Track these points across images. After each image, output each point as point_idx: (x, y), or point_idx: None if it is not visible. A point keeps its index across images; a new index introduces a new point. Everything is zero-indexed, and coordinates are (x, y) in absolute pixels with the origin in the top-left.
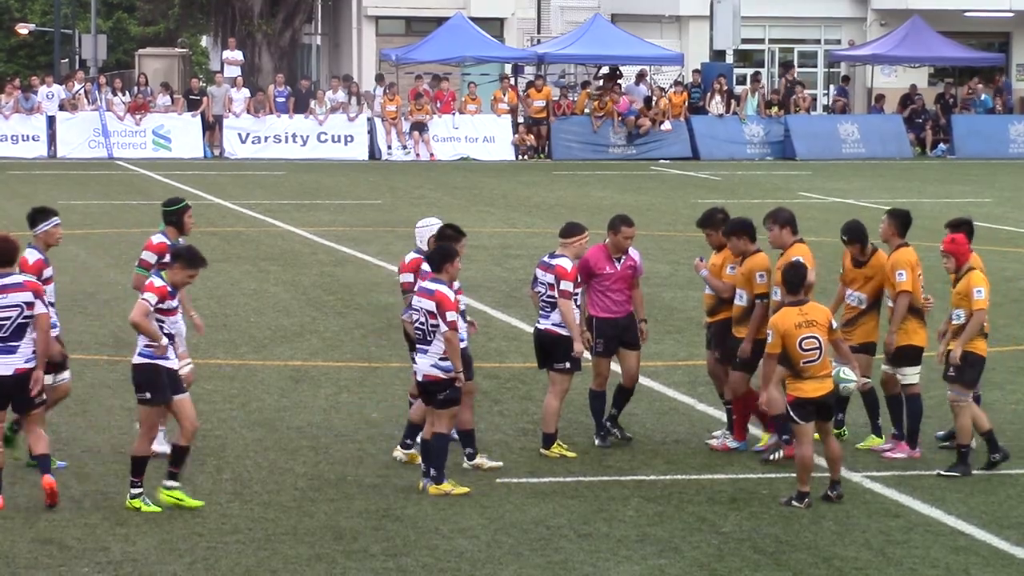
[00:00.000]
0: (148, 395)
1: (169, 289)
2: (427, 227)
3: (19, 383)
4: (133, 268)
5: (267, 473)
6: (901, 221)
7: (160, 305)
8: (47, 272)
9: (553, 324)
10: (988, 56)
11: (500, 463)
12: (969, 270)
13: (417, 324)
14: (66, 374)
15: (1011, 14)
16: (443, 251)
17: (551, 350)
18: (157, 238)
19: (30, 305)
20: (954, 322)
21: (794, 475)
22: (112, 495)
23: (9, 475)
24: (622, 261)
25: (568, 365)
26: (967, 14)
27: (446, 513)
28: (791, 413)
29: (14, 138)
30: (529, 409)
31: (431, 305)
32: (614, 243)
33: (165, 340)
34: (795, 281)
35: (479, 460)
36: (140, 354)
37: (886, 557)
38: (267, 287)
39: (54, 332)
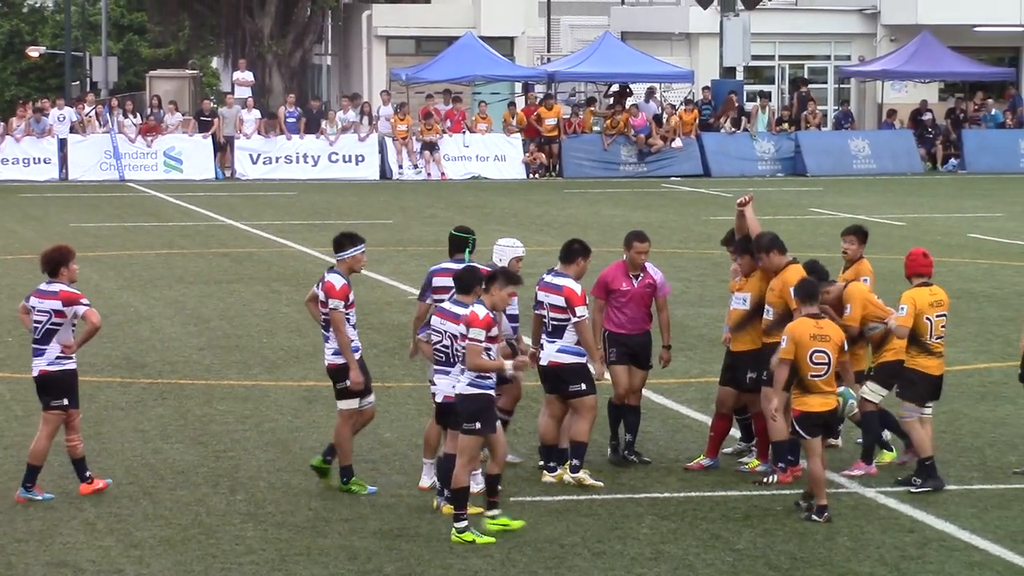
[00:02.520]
0: (478, 425)
1: (493, 316)
2: (511, 247)
3: (43, 383)
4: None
5: (281, 494)
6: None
7: (489, 334)
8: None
9: (558, 351)
10: (998, 71)
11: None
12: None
13: (439, 346)
14: (371, 398)
15: (1021, 28)
16: (473, 273)
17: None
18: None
19: (58, 313)
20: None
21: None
22: (125, 517)
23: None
24: (639, 279)
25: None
26: (977, 29)
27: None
28: (797, 428)
29: (26, 161)
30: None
31: (457, 328)
32: (628, 259)
33: (508, 363)
34: (811, 293)
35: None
36: (471, 384)
37: (901, 572)
38: (279, 307)
39: (357, 355)
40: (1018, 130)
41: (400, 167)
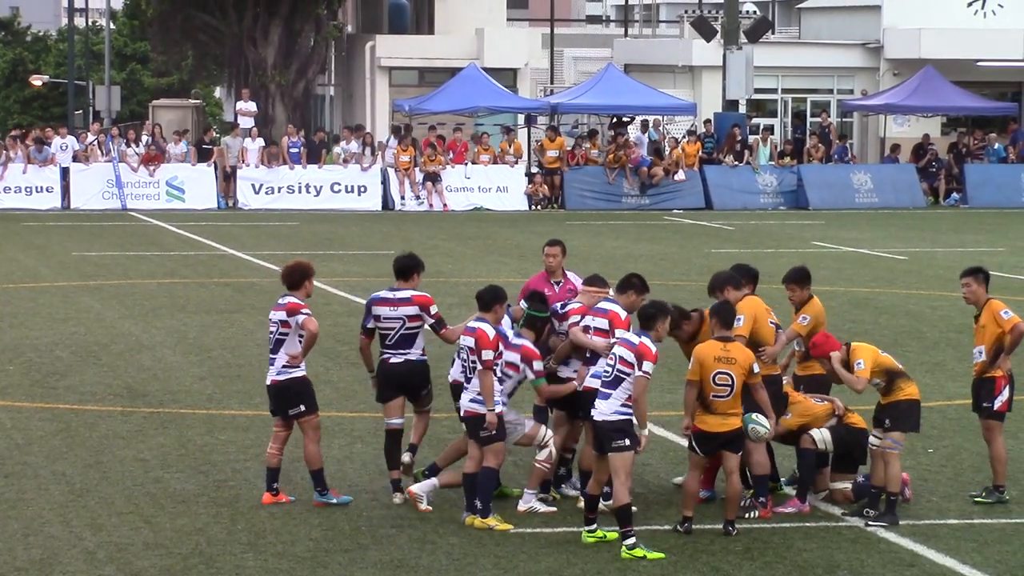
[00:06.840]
0: (627, 442)
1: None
2: None
3: (275, 393)
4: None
5: (281, 524)
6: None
7: None
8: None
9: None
10: (1001, 106)
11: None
12: (846, 345)
13: (461, 360)
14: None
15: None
16: (495, 292)
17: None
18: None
19: (283, 323)
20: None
21: (806, 524)
22: (126, 546)
23: (22, 527)
24: (560, 285)
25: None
26: (980, 64)
27: (460, 563)
28: (691, 441)
29: (28, 189)
30: None
31: (471, 342)
32: (545, 265)
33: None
34: (726, 318)
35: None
36: (622, 407)
37: None
38: None
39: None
40: (1020, 165)
41: (402, 198)
